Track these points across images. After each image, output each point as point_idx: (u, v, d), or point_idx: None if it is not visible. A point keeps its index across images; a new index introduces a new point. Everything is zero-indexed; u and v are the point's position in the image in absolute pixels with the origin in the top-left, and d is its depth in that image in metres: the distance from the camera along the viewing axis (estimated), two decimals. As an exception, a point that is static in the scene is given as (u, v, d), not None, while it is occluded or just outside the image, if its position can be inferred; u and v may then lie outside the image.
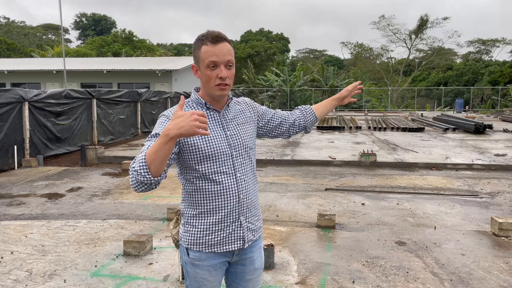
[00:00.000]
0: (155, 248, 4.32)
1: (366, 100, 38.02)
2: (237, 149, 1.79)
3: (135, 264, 3.93)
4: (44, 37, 62.15)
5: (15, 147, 9.01)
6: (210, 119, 1.77)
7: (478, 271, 3.80)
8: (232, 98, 1.87)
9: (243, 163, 1.82)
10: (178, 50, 60.01)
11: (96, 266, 3.90)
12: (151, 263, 3.95)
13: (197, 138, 1.70)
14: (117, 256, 4.12)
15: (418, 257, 4.13)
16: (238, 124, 1.84)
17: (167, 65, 24.62)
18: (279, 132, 2.09)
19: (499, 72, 39.68)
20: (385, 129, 17.15)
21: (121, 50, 42.90)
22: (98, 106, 12.45)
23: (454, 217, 5.56)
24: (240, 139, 1.81)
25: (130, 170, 1.54)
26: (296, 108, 2.20)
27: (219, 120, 1.79)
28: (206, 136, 1.70)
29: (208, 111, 1.78)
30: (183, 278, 3.49)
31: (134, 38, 50.13)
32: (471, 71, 45.18)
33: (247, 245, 1.85)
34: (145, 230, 4.93)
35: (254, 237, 1.89)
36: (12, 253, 4.22)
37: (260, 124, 2.02)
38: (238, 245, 1.82)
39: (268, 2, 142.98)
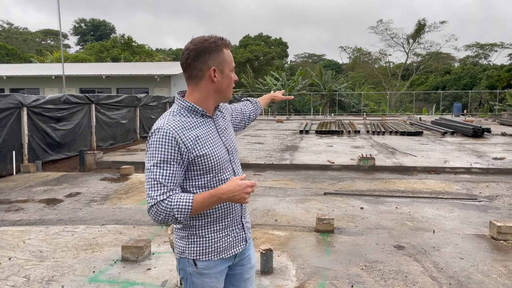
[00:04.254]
0: (153, 253, 4.30)
1: (365, 104, 38.11)
2: (232, 153, 1.82)
3: (133, 270, 3.92)
4: (43, 42, 62.23)
5: (14, 152, 9.01)
6: (207, 127, 1.73)
7: (477, 275, 3.80)
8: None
9: (238, 166, 1.86)
10: (177, 55, 60.13)
11: (94, 271, 3.89)
12: (150, 269, 3.94)
13: (205, 149, 1.67)
14: (115, 262, 4.11)
15: (416, 261, 4.12)
16: (226, 129, 1.84)
17: (166, 70, 24.67)
18: (238, 128, 2.20)
19: (496, 76, 39.82)
20: (383, 133, 17.18)
21: (120, 56, 42.99)
22: (97, 111, 12.45)
23: (453, 220, 5.56)
24: (233, 143, 1.85)
25: (163, 209, 1.58)
26: (245, 99, 2.34)
27: (214, 127, 1.77)
28: (211, 146, 1.70)
29: (202, 118, 1.73)
30: (181, 284, 3.48)
31: (133, 44, 50.25)
32: (469, 75, 45.33)
33: (248, 244, 1.89)
34: (144, 235, 4.92)
35: (250, 234, 1.93)
36: (10, 259, 4.20)
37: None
38: (242, 246, 1.84)
39: (257, 7, 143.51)
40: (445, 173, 8.94)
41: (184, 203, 1.57)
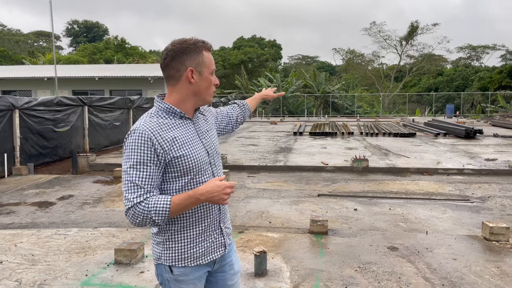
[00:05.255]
0: (146, 256, 4.28)
1: (358, 106, 38.26)
2: (213, 156, 1.79)
3: (126, 273, 3.90)
4: (35, 44, 61.82)
5: (5, 155, 8.92)
6: (186, 128, 1.71)
7: (469, 275, 3.82)
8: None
9: (218, 169, 1.82)
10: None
11: (86, 275, 3.86)
12: (143, 272, 3.92)
13: (182, 150, 1.65)
14: (108, 265, 4.08)
15: (410, 262, 4.14)
16: (207, 131, 1.82)
17: (159, 72, 24.57)
18: (225, 131, 2.19)
19: (488, 78, 40.21)
20: (377, 134, 17.25)
21: (113, 57, 42.79)
22: (90, 113, 12.38)
23: (446, 221, 5.59)
24: (214, 146, 1.82)
25: (141, 211, 1.55)
26: (233, 102, 2.30)
27: (194, 129, 1.74)
28: (188, 147, 1.67)
29: (180, 120, 1.71)
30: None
31: (126, 45, 50.06)
32: (461, 77, 45.72)
33: (227, 250, 1.85)
34: (137, 238, 4.89)
35: (230, 240, 1.90)
36: (1, 262, 4.16)
37: (217, 127, 2.10)
38: (221, 251, 1.81)
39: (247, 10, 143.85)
40: (438, 174, 8.99)
41: (161, 205, 1.55)
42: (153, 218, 1.55)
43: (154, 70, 26.63)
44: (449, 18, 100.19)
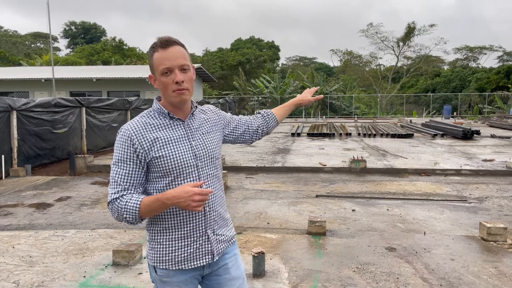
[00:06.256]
0: (144, 258, 4.27)
1: (356, 107, 38.33)
2: (203, 160, 1.72)
3: (124, 274, 3.89)
4: (33, 45, 61.68)
5: (3, 156, 8.90)
6: (174, 129, 1.70)
7: (467, 276, 3.83)
8: (196, 106, 1.81)
9: (209, 174, 1.74)
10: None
11: (84, 276, 3.85)
12: (141, 273, 3.92)
13: (162, 151, 1.64)
14: (106, 266, 4.08)
15: (408, 262, 4.15)
16: (203, 134, 1.77)
17: (157, 73, 24.54)
18: (242, 140, 2.05)
19: (486, 79, 40.35)
20: (374, 135, 17.28)
21: (111, 59, 42.74)
22: (88, 114, 12.36)
23: (444, 222, 5.60)
24: (206, 149, 1.74)
25: (116, 208, 1.60)
26: (257, 112, 2.15)
27: (183, 130, 1.71)
28: (171, 148, 1.65)
29: (171, 121, 1.70)
30: None
31: (124, 47, 50.01)
32: (459, 77, 45.87)
33: (217, 258, 1.77)
34: (135, 239, 4.88)
35: (228, 247, 1.83)
36: (-2, 264, 4.14)
37: (226, 132, 1.97)
38: (207, 259, 1.74)
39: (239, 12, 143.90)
40: (436, 175, 9.01)
41: (131, 204, 1.58)
42: (124, 215, 1.59)
43: (152, 71, 26.59)
44: (444, 19, 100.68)
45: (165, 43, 1.63)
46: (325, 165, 9.74)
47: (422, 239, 4.86)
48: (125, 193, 1.62)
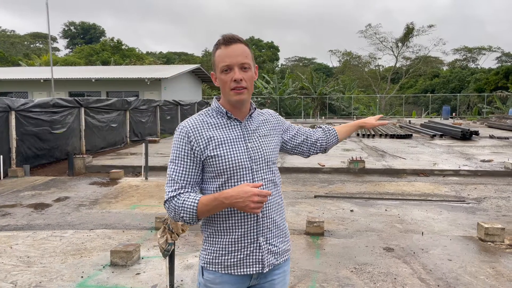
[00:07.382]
0: (142, 258, 4.28)
1: (355, 108, 38.36)
2: (258, 163, 1.66)
3: (122, 275, 3.89)
4: (32, 45, 61.65)
5: (1, 157, 8.88)
6: (231, 129, 1.66)
7: (465, 276, 3.84)
8: (255, 108, 1.76)
9: (264, 178, 1.67)
10: (168, 58, 59.97)
11: (82, 277, 3.85)
12: (139, 273, 3.92)
13: (217, 150, 1.61)
14: (104, 267, 4.08)
15: (405, 263, 4.15)
16: (260, 136, 1.71)
17: (156, 74, 24.57)
18: (299, 150, 1.98)
19: (484, 79, 40.43)
20: (373, 136, 17.29)
21: (110, 59, 42.73)
22: (87, 114, 12.36)
23: (441, 222, 5.61)
24: (262, 152, 1.68)
25: (173, 206, 1.57)
26: (318, 127, 2.10)
27: (240, 131, 1.67)
28: (226, 148, 1.62)
29: (228, 121, 1.67)
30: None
31: (123, 47, 50.00)
32: (458, 78, 45.96)
33: (267, 269, 1.67)
34: (133, 240, 4.88)
35: (278, 261, 1.71)
36: (-4, 265, 4.14)
37: (285, 138, 1.91)
38: (257, 268, 1.65)
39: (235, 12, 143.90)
40: (434, 176, 9.02)
41: (189, 203, 1.54)
42: (182, 215, 1.56)
43: (150, 71, 26.63)
44: (441, 19, 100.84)
45: (228, 40, 1.62)
46: (324, 166, 9.75)
47: (420, 239, 4.87)
48: (182, 191, 1.58)
